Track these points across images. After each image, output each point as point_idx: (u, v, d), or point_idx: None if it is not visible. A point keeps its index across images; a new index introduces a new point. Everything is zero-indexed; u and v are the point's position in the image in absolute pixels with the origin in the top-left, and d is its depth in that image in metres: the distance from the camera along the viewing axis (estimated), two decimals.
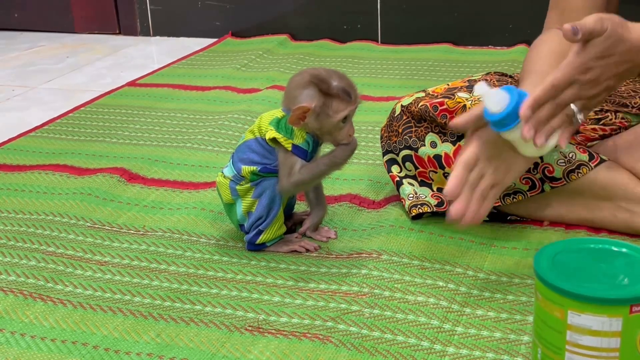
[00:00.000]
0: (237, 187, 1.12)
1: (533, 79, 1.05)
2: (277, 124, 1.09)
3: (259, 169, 1.10)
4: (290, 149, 1.08)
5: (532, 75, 1.07)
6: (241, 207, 1.13)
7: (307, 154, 1.09)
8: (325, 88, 1.06)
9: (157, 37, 2.70)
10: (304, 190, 1.17)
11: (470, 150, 0.96)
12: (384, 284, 1.04)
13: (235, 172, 1.12)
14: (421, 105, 1.18)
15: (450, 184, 0.93)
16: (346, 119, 1.07)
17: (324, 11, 2.47)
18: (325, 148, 1.13)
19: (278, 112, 1.11)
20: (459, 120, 0.97)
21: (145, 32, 2.72)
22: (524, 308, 0.98)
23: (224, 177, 1.14)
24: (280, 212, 1.13)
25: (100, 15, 2.75)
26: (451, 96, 1.18)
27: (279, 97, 1.81)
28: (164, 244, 1.20)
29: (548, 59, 1.10)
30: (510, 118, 0.91)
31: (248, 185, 1.11)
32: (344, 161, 1.10)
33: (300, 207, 1.27)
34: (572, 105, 0.93)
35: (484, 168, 0.96)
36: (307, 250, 1.15)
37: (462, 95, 1.18)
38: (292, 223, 1.22)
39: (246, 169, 1.10)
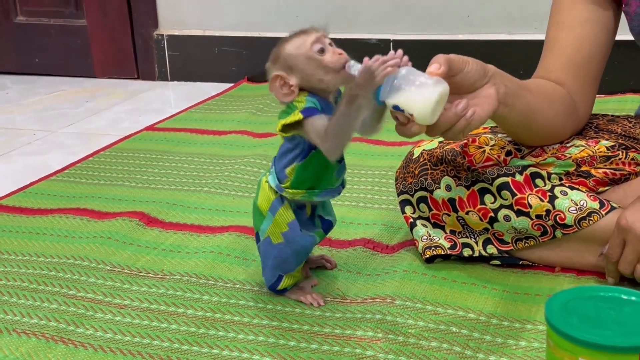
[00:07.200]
0: (278, 211, 1.09)
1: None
2: (280, 116, 1.06)
3: (297, 163, 1.06)
4: (302, 117, 1.02)
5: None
6: (268, 226, 1.11)
7: (318, 111, 1.03)
8: (277, 50, 1.04)
9: (175, 82, 2.75)
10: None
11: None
12: (398, 329, 1.06)
13: (278, 181, 1.09)
14: (447, 148, 1.21)
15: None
16: (322, 50, 1.02)
17: None
18: None
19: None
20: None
21: (163, 77, 2.77)
22: (537, 354, 0.99)
23: (269, 186, 1.10)
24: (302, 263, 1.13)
25: (120, 60, 2.81)
26: (475, 137, 1.22)
27: None
28: (182, 288, 1.22)
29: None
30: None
31: (287, 213, 1.09)
32: (364, 82, 0.97)
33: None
34: None
35: None
36: (312, 305, 1.14)
37: (487, 135, 1.23)
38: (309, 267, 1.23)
39: (289, 169, 1.07)
